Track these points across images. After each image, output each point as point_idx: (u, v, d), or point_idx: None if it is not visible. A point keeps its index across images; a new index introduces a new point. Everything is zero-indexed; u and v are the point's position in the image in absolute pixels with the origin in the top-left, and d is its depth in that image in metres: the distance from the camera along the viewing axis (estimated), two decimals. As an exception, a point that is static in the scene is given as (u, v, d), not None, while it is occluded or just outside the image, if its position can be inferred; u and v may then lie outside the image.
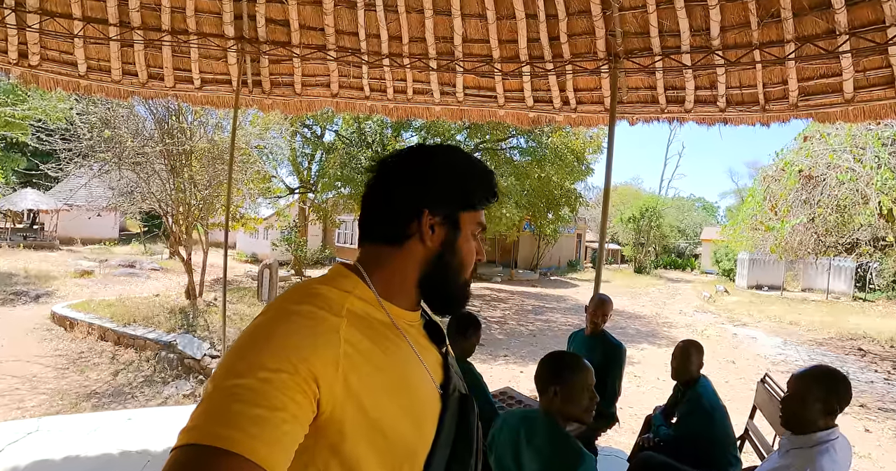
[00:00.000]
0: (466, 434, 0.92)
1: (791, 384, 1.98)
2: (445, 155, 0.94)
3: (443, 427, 0.88)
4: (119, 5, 4.07)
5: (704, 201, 52.35)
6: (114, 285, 14.00)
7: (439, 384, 0.92)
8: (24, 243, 21.47)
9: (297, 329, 0.74)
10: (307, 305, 0.78)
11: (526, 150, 17.61)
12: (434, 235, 0.89)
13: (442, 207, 0.90)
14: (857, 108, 3.70)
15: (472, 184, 0.93)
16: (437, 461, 0.85)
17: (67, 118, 10.71)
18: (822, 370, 1.97)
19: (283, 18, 4.31)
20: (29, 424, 4.10)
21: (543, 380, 1.85)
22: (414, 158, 0.93)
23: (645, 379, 8.45)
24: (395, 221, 0.89)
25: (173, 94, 4.76)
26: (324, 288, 0.82)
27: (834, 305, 18.90)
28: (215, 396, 0.66)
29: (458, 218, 0.92)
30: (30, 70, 4.31)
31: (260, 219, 14.66)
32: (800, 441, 1.92)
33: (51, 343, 8.36)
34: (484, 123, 9.04)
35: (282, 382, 0.67)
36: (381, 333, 0.83)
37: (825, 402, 1.87)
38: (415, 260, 0.90)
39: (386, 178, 0.92)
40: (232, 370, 0.69)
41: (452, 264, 0.92)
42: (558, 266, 29.68)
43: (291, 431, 0.67)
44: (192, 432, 0.63)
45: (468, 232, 0.94)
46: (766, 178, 9.99)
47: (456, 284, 0.94)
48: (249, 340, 0.73)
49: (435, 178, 0.90)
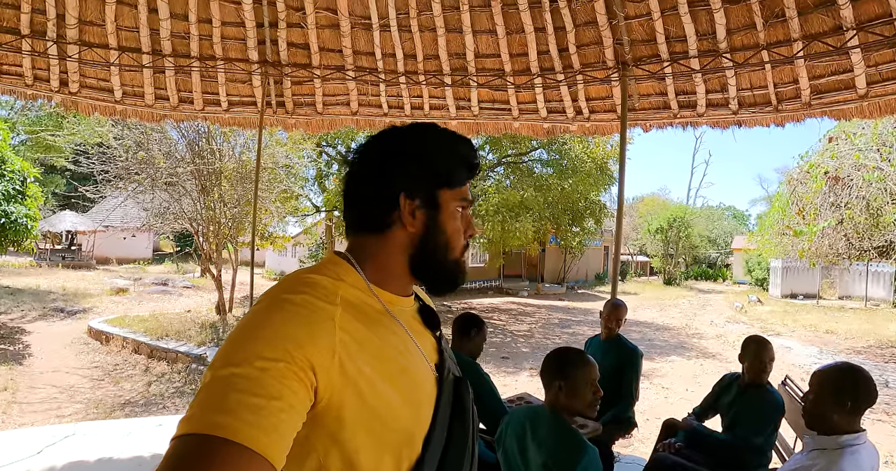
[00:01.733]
0: (462, 416, 0.93)
1: (813, 383, 1.93)
2: (414, 135, 0.93)
3: (439, 410, 0.89)
4: (151, 35, 4.35)
5: (734, 210, 51.16)
6: (147, 302, 14.45)
7: (434, 368, 0.93)
8: (63, 263, 22.36)
9: (292, 318, 0.74)
10: (301, 294, 0.78)
11: (547, 162, 17.62)
12: (416, 220, 0.89)
13: (418, 191, 0.89)
14: (872, 103, 3.68)
15: (445, 161, 0.92)
16: (434, 444, 0.86)
17: (104, 142, 11.24)
18: (840, 366, 1.92)
19: (304, 42, 4.53)
20: (66, 428, 4.31)
21: (548, 375, 1.90)
22: (383, 144, 0.92)
23: (673, 391, 8.29)
24: (374, 211, 0.90)
25: (202, 116, 5.03)
26: (317, 277, 0.83)
27: (873, 313, 18.19)
28: (213, 385, 0.67)
29: (438, 198, 0.91)
30: (70, 97, 4.62)
31: (288, 237, 15.00)
32: (824, 442, 1.86)
33: (88, 356, 8.70)
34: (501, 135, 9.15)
35: (278, 370, 0.68)
36: (375, 320, 0.84)
37: (839, 398, 1.81)
38: (401, 246, 0.90)
39: (361, 168, 0.92)
40: (229, 360, 0.69)
41: (439, 245, 0.92)
42: (585, 279, 29.32)
43: (289, 419, 0.67)
44: (191, 422, 0.63)
45: (451, 210, 0.92)
46: (792, 181, 9.80)
47: (446, 263, 0.93)
48: (245, 329, 0.74)
49: (405, 161, 0.90)
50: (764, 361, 2.79)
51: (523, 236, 15.76)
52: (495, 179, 17.08)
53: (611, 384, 3.36)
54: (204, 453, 0.61)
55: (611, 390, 3.36)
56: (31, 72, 4.41)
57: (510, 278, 25.52)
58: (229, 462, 0.61)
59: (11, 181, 9.25)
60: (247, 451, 0.62)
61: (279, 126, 5.36)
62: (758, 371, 2.80)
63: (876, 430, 6.50)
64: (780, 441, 3.24)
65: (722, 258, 39.25)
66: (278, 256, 24.20)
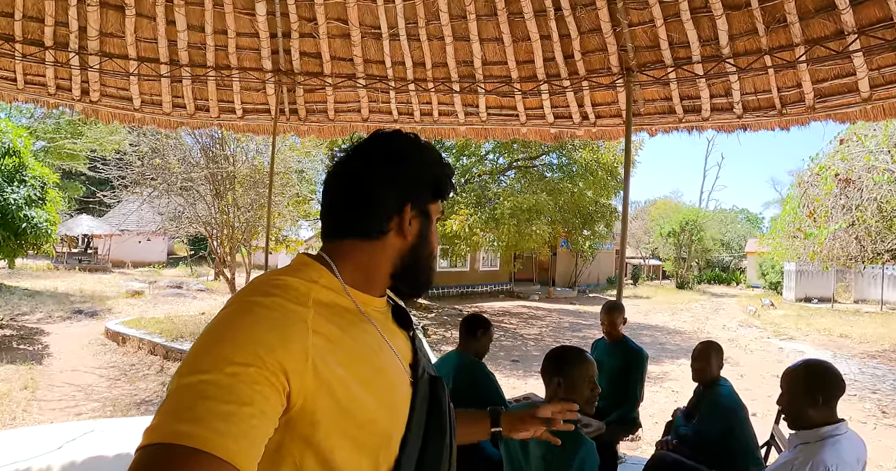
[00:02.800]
0: (438, 416, 0.92)
1: (782, 381, 2.03)
2: (416, 147, 0.94)
3: (414, 410, 0.88)
4: (169, 46, 4.50)
5: (748, 213, 50.63)
6: (162, 305, 14.70)
7: (409, 367, 0.92)
8: (80, 266, 22.78)
9: (263, 321, 0.72)
10: (271, 297, 0.76)
11: (558, 166, 17.66)
12: (411, 228, 0.91)
13: (420, 201, 0.92)
14: (875, 106, 3.70)
15: (442, 175, 0.95)
16: (411, 444, 0.86)
17: (121, 148, 11.53)
18: (806, 363, 2.01)
19: (316, 51, 4.65)
20: (86, 425, 4.47)
21: (547, 373, 1.98)
22: (386, 152, 0.92)
23: (683, 394, 8.27)
24: (375, 217, 0.89)
25: (218, 124, 5.19)
26: (288, 278, 0.81)
27: (889, 317, 17.93)
28: (180, 392, 0.65)
29: (429, 209, 0.94)
30: (91, 105, 4.79)
31: (301, 241, 15.16)
32: (806, 436, 1.93)
33: (105, 356, 8.90)
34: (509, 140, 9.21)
35: (249, 376, 0.66)
36: (348, 321, 0.82)
37: (810, 393, 1.90)
38: (391, 253, 0.91)
39: (361, 173, 0.90)
40: (197, 366, 0.67)
41: (426, 254, 0.95)
42: (597, 283, 29.23)
43: (260, 425, 0.65)
44: (157, 431, 0.61)
45: (434, 221, 0.96)
46: (802, 183, 9.75)
47: (429, 270, 0.97)
48: (214, 334, 0.71)
49: (413, 172, 0.91)
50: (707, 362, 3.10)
51: (539, 239, 15.79)
52: (507, 182, 17.15)
53: (616, 385, 3.44)
54: (171, 463, 0.59)
55: (616, 392, 3.43)
56: (54, 81, 4.58)
57: (521, 282, 25.53)
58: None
59: (32, 187, 9.50)
60: (215, 460, 0.60)
61: (292, 133, 5.49)
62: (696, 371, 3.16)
63: (889, 434, 6.46)
64: (781, 441, 3.27)
65: (735, 262, 38.90)
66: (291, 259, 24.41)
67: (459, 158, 18.20)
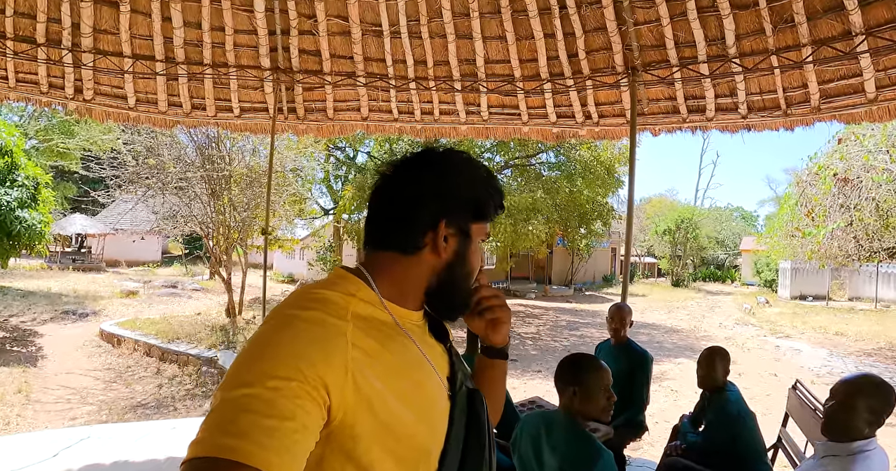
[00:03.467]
0: (477, 429, 0.92)
1: (838, 391, 1.94)
2: (462, 164, 0.93)
3: (453, 423, 0.88)
4: (165, 43, 4.41)
5: (743, 211, 50.82)
6: (157, 305, 14.57)
7: (446, 381, 0.92)
8: (73, 266, 22.56)
9: (303, 335, 0.73)
10: (312, 311, 0.77)
11: (555, 164, 17.64)
12: (447, 246, 0.89)
13: (458, 219, 0.90)
14: (881, 107, 3.68)
15: (487, 196, 0.93)
16: (451, 458, 0.86)
17: (115, 148, 11.40)
18: (872, 379, 1.94)
19: (315, 49, 4.57)
20: (81, 431, 4.38)
21: (562, 381, 1.93)
22: (431, 167, 0.92)
23: (682, 393, 8.26)
24: (410, 231, 0.89)
25: (214, 123, 5.09)
26: (327, 292, 0.82)
27: (883, 314, 18.02)
28: (224, 406, 0.66)
29: (470, 229, 0.92)
30: (84, 104, 4.69)
31: (296, 240, 15.08)
32: (836, 449, 1.88)
33: (99, 358, 8.80)
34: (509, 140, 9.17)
35: (291, 390, 0.67)
36: (386, 335, 0.83)
37: (872, 411, 1.84)
38: (425, 269, 0.90)
39: (402, 186, 0.91)
40: (240, 380, 0.68)
41: (461, 274, 0.93)
42: (593, 281, 29.25)
43: (302, 439, 0.66)
44: (202, 445, 0.63)
45: (477, 242, 0.94)
46: (801, 183, 9.76)
47: (463, 292, 0.95)
48: (256, 348, 0.73)
49: (453, 189, 0.90)
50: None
51: (535, 238, 15.77)
52: (504, 181, 17.11)
53: (621, 389, 3.37)
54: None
55: (621, 395, 3.37)
56: (47, 79, 4.48)
57: (518, 280, 25.52)
58: None
59: (25, 188, 9.38)
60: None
61: (290, 131, 5.42)
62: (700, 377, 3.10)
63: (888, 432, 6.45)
64: (791, 447, 3.24)
65: (730, 259, 39.05)
66: (287, 258, 24.32)
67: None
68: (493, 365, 1.08)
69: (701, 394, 3.28)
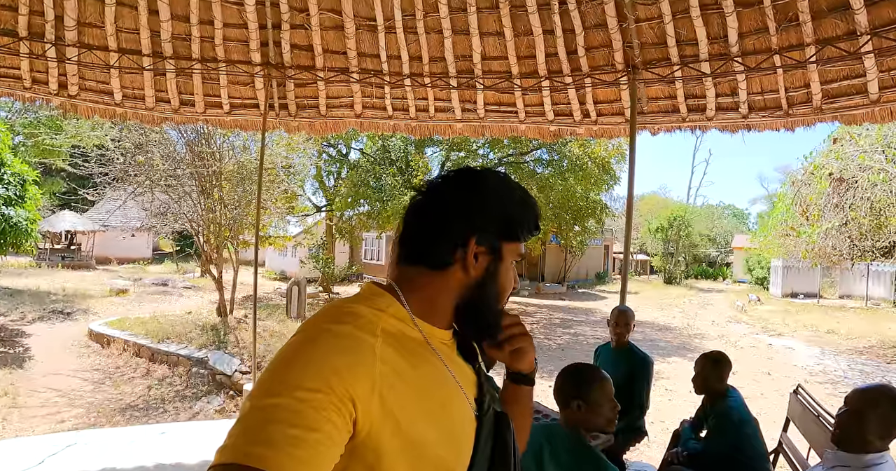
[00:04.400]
0: (503, 452, 0.91)
1: (852, 400, 1.90)
2: (497, 183, 0.93)
3: (479, 445, 0.88)
4: (152, 37, 4.27)
5: (734, 208, 51.09)
6: (148, 303, 14.40)
7: (474, 402, 0.91)
8: (62, 263, 22.30)
9: (333, 348, 0.74)
10: (343, 325, 0.78)
11: (548, 162, 17.58)
12: (477, 264, 0.88)
13: (488, 237, 0.89)
14: (883, 108, 3.63)
15: (520, 215, 0.93)
16: None
17: (103, 144, 11.19)
18: (888, 391, 1.89)
19: (308, 44, 4.45)
20: (68, 437, 4.27)
21: (564, 394, 1.86)
22: (464, 184, 0.92)
23: (676, 393, 8.27)
24: (440, 247, 0.88)
25: (204, 120, 4.96)
26: (358, 307, 0.82)
27: (874, 312, 18.20)
28: (251, 415, 0.67)
29: (502, 248, 0.91)
30: (69, 100, 4.54)
31: (288, 237, 14.93)
32: (847, 460, 1.83)
33: (88, 359, 8.66)
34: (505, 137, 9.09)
35: (318, 401, 0.68)
36: (415, 353, 0.83)
37: (884, 424, 1.80)
38: (454, 286, 0.89)
39: (435, 202, 0.91)
40: (268, 389, 0.69)
41: (491, 293, 0.92)
42: (586, 278, 29.31)
43: (327, 451, 0.67)
44: (228, 451, 0.64)
45: (509, 262, 0.93)
46: (796, 182, 9.77)
47: (493, 312, 0.93)
48: (286, 359, 0.74)
49: (485, 207, 0.89)
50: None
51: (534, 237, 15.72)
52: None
53: (622, 393, 3.31)
54: None
55: (622, 400, 3.30)
56: (30, 74, 4.33)
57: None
58: None
59: (11, 185, 9.18)
60: None
61: (282, 128, 5.30)
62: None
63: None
64: (792, 453, 3.20)
65: (722, 257, 39.26)
66: (279, 256, 24.13)
67: (449, 154, 18.08)
68: (520, 391, 1.07)
69: (703, 399, 3.22)
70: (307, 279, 14.59)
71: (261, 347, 7.80)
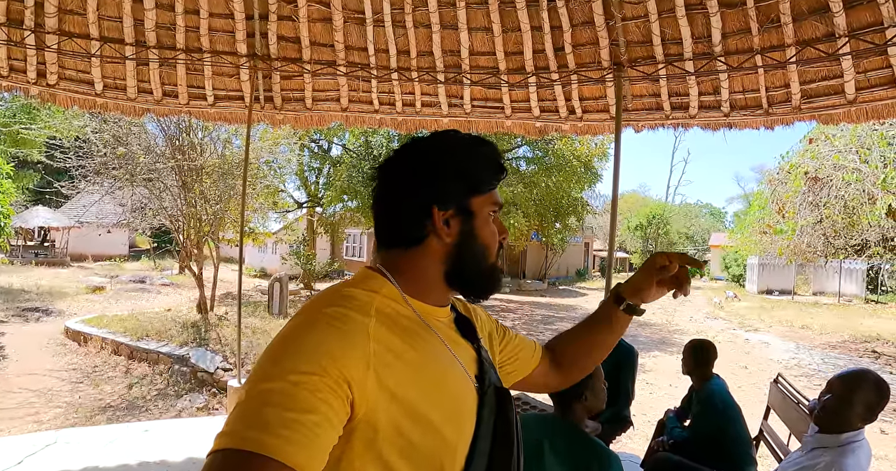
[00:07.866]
0: (506, 427, 0.91)
1: (835, 385, 1.98)
2: (437, 145, 0.91)
3: (481, 421, 0.87)
4: (135, 25, 4.19)
5: (712, 207, 52.06)
6: (125, 301, 14.12)
7: (474, 379, 0.90)
8: (36, 260, 21.75)
9: (326, 331, 0.74)
10: (336, 307, 0.78)
11: (532, 159, 17.70)
12: (450, 229, 0.88)
13: (450, 200, 0.88)
14: (859, 108, 3.74)
15: (474, 167, 0.91)
16: (478, 457, 0.85)
17: (81, 136, 10.89)
18: (869, 375, 1.98)
19: (294, 36, 4.41)
20: (47, 436, 4.16)
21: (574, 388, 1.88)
22: (409, 156, 0.91)
23: (658, 386, 8.41)
24: (405, 225, 0.88)
25: (187, 111, 4.88)
26: (353, 290, 0.83)
27: (846, 308, 18.72)
28: (248, 400, 0.67)
29: (470, 205, 0.90)
30: (48, 89, 4.42)
31: (269, 233, 14.76)
32: (826, 441, 1.93)
33: (65, 358, 8.46)
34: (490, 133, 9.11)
35: (313, 384, 0.67)
36: (410, 331, 0.83)
37: (867, 406, 1.89)
38: (436, 257, 0.89)
39: (386, 185, 0.91)
40: (264, 375, 0.70)
41: (475, 251, 0.91)
42: (566, 275, 29.60)
43: (324, 433, 0.67)
44: (226, 437, 0.64)
45: (484, 215, 0.91)
46: (773, 181, 10.00)
47: (483, 269, 0.92)
48: (281, 344, 0.74)
49: (434, 172, 0.88)
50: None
51: (517, 232, 15.83)
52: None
53: (609, 383, 3.39)
54: (238, 468, 0.62)
55: (608, 390, 3.38)
56: (7, 62, 4.22)
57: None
58: None
59: (-18, 177, 8.91)
60: (281, 466, 0.62)
61: (267, 122, 5.24)
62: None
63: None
64: (773, 439, 3.29)
65: (699, 255, 39.98)
66: (259, 252, 23.85)
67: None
68: (625, 320, 1.18)
69: (689, 388, 3.30)
70: (288, 276, 14.46)
71: (243, 343, 7.72)
